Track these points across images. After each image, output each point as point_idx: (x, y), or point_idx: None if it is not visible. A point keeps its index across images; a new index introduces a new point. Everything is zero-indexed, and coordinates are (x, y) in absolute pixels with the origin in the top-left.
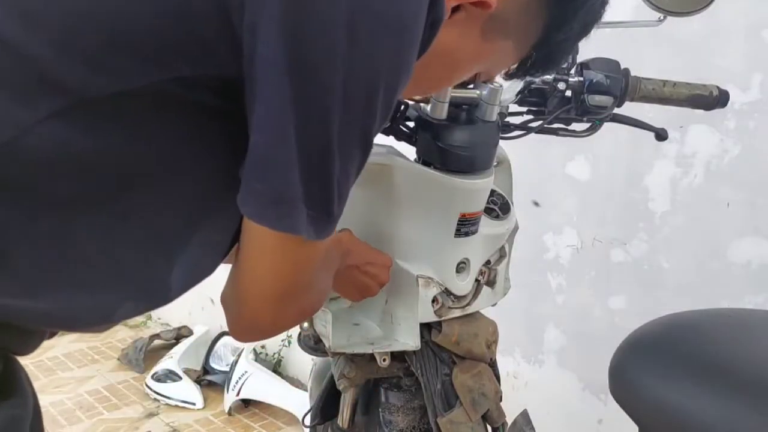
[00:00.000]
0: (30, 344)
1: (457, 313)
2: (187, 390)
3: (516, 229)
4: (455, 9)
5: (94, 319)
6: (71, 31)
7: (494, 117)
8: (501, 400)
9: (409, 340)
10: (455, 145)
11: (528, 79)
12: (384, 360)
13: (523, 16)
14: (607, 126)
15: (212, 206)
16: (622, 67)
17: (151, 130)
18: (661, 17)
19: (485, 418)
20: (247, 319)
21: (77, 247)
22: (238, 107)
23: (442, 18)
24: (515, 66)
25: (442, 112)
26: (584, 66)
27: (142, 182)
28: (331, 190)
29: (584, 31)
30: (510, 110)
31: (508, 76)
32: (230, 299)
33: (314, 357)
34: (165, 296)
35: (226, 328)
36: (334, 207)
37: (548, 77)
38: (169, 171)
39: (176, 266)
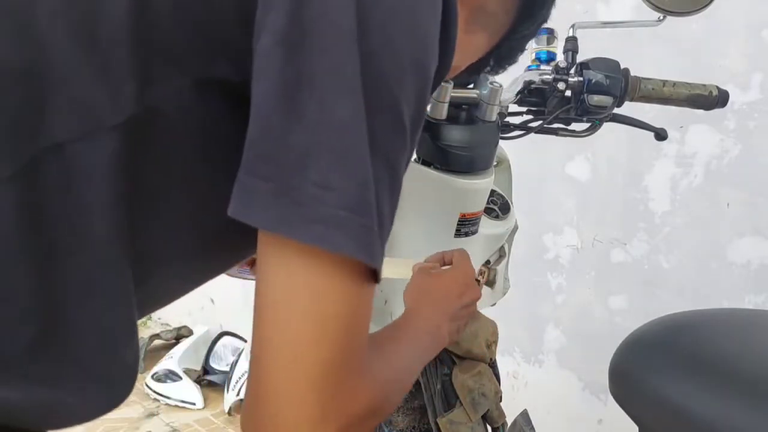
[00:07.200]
0: None
1: None
2: (187, 390)
3: (516, 229)
4: None
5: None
6: (91, 34)
7: (494, 117)
8: (501, 400)
9: None
10: (455, 145)
11: (528, 79)
12: None
13: (502, 8)
14: (607, 126)
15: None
16: (622, 67)
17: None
18: (661, 17)
19: (485, 418)
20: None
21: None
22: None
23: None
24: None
25: (442, 112)
26: (584, 66)
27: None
28: (365, 184)
29: (536, 31)
30: (510, 110)
31: (468, 74)
32: (249, 413)
33: None
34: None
35: (226, 328)
36: (372, 208)
37: (548, 77)
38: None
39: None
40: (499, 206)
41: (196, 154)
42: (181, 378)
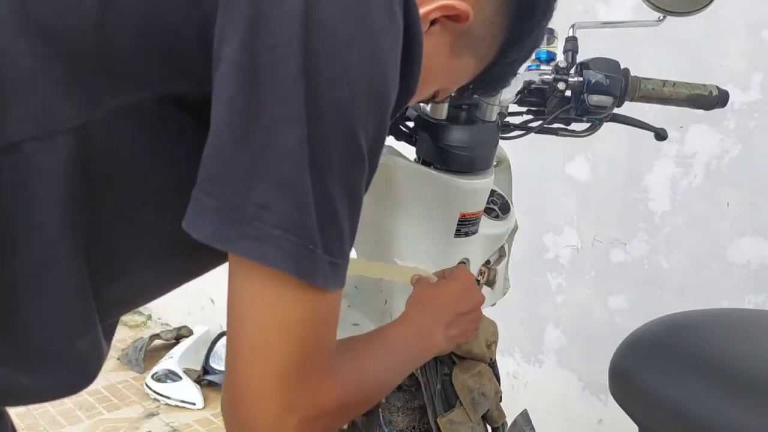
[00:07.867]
0: None
1: None
2: (187, 390)
3: (516, 228)
4: (431, 23)
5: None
6: (55, 47)
7: (494, 117)
8: (501, 400)
9: None
10: (455, 145)
11: (528, 79)
12: None
13: (489, 33)
14: (607, 126)
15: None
16: (622, 67)
17: (134, 156)
18: (661, 17)
19: (485, 418)
20: (244, 415)
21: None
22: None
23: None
24: (466, 85)
25: (442, 112)
26: (584, 66)
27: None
28: (303, 207)
29: (528, 55)
30: (510, 110)
31: (460, 95)
32: (227, 406)
33: None
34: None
35: (226, 328)
36: (309, 229)
37: (548, 77)
38: (144, 202)
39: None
40: (499, 206)
41: (158, 162)
42: (181, 378)
